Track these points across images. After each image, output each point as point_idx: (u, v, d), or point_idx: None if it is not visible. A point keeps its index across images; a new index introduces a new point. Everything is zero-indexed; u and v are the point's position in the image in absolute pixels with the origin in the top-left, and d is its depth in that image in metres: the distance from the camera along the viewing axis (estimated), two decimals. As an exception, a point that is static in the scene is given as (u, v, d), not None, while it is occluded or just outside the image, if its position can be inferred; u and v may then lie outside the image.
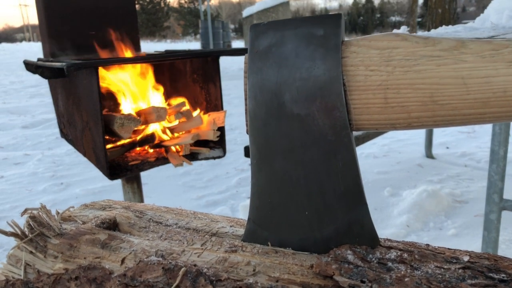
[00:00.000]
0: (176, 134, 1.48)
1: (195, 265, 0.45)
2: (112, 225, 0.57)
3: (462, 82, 0.40)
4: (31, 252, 0.51)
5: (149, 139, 1.45)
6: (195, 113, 1.51)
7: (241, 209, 2.24)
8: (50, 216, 0.55)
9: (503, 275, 0.40)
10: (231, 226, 0.55)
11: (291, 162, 0.47)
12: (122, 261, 0.48)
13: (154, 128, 1.47)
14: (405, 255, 0.44)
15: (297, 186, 0.47)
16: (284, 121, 0.46)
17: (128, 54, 1.60)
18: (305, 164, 0.46)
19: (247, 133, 0.49)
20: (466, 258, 0.42)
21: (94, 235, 0.53)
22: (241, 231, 0.53)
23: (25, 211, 0.54)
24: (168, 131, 1.48)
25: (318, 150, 0.45)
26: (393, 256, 0.44)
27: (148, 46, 21.70)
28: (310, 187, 0.47)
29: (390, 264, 0.43)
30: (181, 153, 1.43)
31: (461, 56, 0.41)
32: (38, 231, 0.52)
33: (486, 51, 0.40)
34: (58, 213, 0.57)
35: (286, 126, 0.46)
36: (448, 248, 0.45)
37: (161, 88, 1.59)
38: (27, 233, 0.52)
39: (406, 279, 0.40)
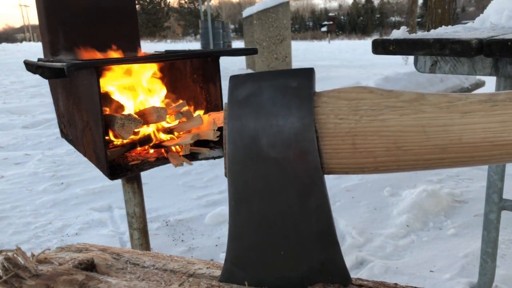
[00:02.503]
0: (175, 134, 1.49)
1: None
2: (90, 266, 0.57)
3: (422, 130, 0.45)
4: None
5: (149, 139, 1.46)
6: (195, 114, 1.51)
7: (241, 209, 2.24)
8: (26, 258, 0.54)
9: None
10: (207, 268, 0.57)
11: (268, 204, 0.49)
12: None
13: (154, 128, 1.47)
14: None
15: (274, 227, 0.50)
16: (262, 164, 0.49)
17: (128, 54, 1.61)
18: (281, 205, 0.49)
19: (226, 176, 0.51)
20: None
21: (71, 276, 0.53)
22: (218, 272, 0.55)
23: (0, 252, 0.53)
24: (168, 131, 1.49)
25: (293, 192, 0.48)
26: None
27: (148, 46, 21.72)
28: (286, 228, 0.49)
29: None
30: (181, 153, 1.43)
31: (421, 107, 0.45)
32: (13, 272, 0.51)
33: (443, 103, 0.45)
34: (34, 255, 0.57)
35: (263, 169, 0.49)
36: (415, 287, 0.48)
37: (162, 88, 1.60)
38: (1, 274, 0.52)
39: None
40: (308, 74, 0.50)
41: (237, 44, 24.75)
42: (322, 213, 0.48)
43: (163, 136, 1.48)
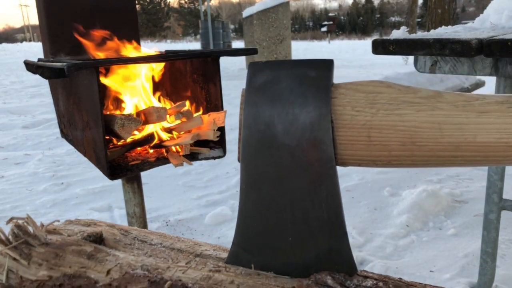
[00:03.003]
0: (176, 134, 1.49)
1: (180, 280, 0.45)
2: (98, 240, 0.58)
3: (438, 127, 0.45)
4: (14, 259, 0.51)
5: (149, 139, 1.46)
6: (196, 114, 1.51)
7: (241, 209, 2.24)
8: (36, 226, 0.55)
9: None
10: (214, 250, 0.57)
11: (278, 190, 0.50)
12: (108, 272, 0.49)
13: (154, 128, 1.47)
14: (380, 284, 0.47)
15: (283, 213, 0.50)
16: (275, 150, 0.49)
17: (128, 54, 1.61)
18: (291, 192, 0.50)
19: (239, 160, 0.52)
20: None
21: (80, 247, 0.53)
22: (224, 254, 0.55)
23: (11, 219, 0.54)
24: (168, 131, 1.49)
25: (305, 179, 0.49)
26: (369, 284, 0.47)
27: (149, 46, 21.68)
28: (295, 215, 0.50)
29: None
30: (181, 153, 1.43)
31: (438, 104, 0.46)
32: (23, 239, 0.52)
33: (459, 102, 0.45)
34: (43, 225, 0.57)
35: (276, 155, 0.50)
36: (419, 282, 0.49)
37: (162, 88, 1.60)
38: (11, 240, 0.52)
39: None
40: (327, 65, 0.50)
41: (237, 44, 24.75)
42: (332, 202, 0.49)
43: (163, 136, 1.48)
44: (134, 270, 0.48)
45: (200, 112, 1.55)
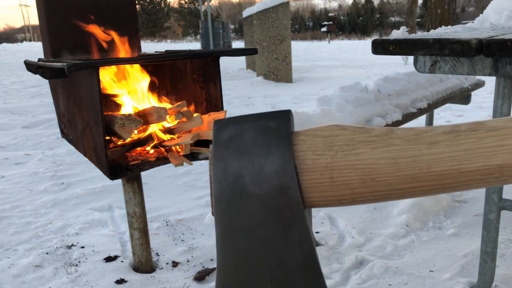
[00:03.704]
0: (176, 134, 1.49)
1: None
2: None
3: (394, 161, 0.48)
4: None
5: (150, 139, 1.46)
6: (195, 114, 1.51)
7: (241, 209, 2.24)
8: None
9: None
10: None
11: (253, 239, 0.52)
12: None
13: (154, 128, 1.47)
14: None
15: (259, 261, 0.52)
16: (246, 201, 0.51)
17: (129, 54, 1.61)
18: (265, 239, 0.51)
19: (213, 214, 0.53)
20: None
21: None
22: None
23: None
24: (168, 131, 1.49)
25: (277, 226, 0.50)
26: None
27: (149, 46, 21.71)
28: (270, 261, 0.51)
29: None
30: (181, 153, 1.43)
31: (391, 140, 0.49)
32: None
33: (410, 136, 0.48)
34: None
35: (247, 205, 0.51)
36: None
37: (162, 88, 1.60)
38: None
39: None
40: (285, 115, 0.54)
41: (237, 44, 24.75)
42: (305, 245, 0.50)
43: (163, 136, 1.48)
44: None
45: (200, 112, 1.55)
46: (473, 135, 0.47)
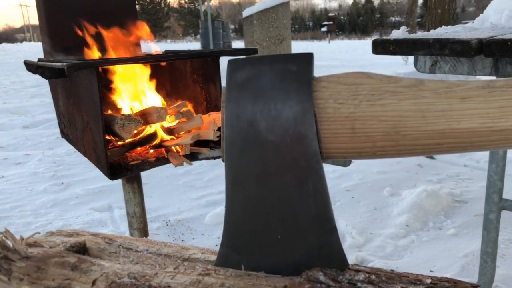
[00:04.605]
0: (176, 134, 1.49)
1: (169, 286, 0.45)
2: (82, 250, 0.56)
3: (422, 115, 0.45)
4: None
5: (149, 140, 1.46)
6: (195, 114, 1.51)
7: (241, 209, 2.24)
8: (15, 240, 0.52)
9: None
10: (202, 253, 0.56)
11: (264, 188, 0.49)
12: (93, 282, 0.47)
13: (154, 128, 1.47)
14: (373, 277, 0.46)
15: (270, 211, 0.49)
16: (259, 148, 0.48)
17: (129, 54, 1.61)
18: (278, 189, 0.49)
19: (223, 160, 0.50)
20: (428, 281, 0.45)
21: (63, 258, 0.51)
22: (213, 257, 0.54)
23: None
24: (168, 131, 1.49)
25: (291, 175, 0.48)
26: (362, 278, 0.47)
27: (148, 46, 21.65)
28: (283, 212, 0.49)
29: (359, 284, 0.45)
30: (181, 153, 1.43)
31: (420, 92, 0.46)
32: (2, 254, 0.50)
33: (441, 88, 0.45)
34: (23, 239, 0.56)
35: (260, 152, 0.48)
36: (411, 273, 0.49)
37: (162, 88, 1.60)
38: None
39: None
40: (307, 58, 0.49)
41: (237, 44, 24.74)
42: (319, 197, 0.48)
43: (163, 136, 1.48)
44: (120, 279, 0.46)
45: (200, 112, 1.55)
46: (510, 91, 0.44)
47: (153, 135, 1.46)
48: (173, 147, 1.45)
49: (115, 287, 0.45)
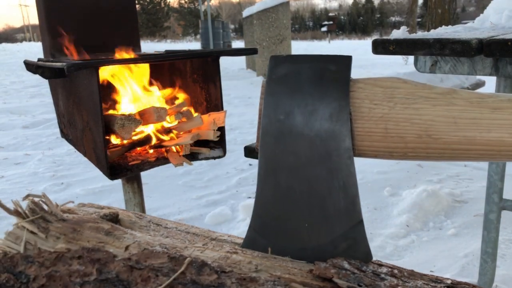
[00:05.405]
0: (175, 134, 1.49)
1: (199, 258, 0.46)
2: (114, 219, 0.58)
3: (453, 121, 0.47)
4: (31, 232, 0.52)
5: (149, 140, 1.46)
6: (196, 114, 1.51)
7: (241, 209, 2.24)
8: (52, 205, 0.55)
9: None
10: (228, 236, 0.58)
11: (296, 178, 0.51)
12: (126, 248, 0.49)
13: (154, 128, 1.47)
14: (395, 271, 0.48)
15: (300, 200, 0.51)
16: (294, 140, 0.51)
17: (128, 54, 1.61)
18: (309, 180, 0.51)
19: (257, 148, 0.53)
20: (448, 281, 0.47)
21: (97, 224, 0.53)
22: (239, 240, 0.56)
23: (27, 196, 0.54)
24: (168, 131, 1.49)
25: (323, 168, 0.50)
26: (385, 270, 0.48)
27: (148, 46, 21.70)
28: (312, 202, 0.51)
29: (383, 275, 0.47)
30: (181, 153, 1.43)
31: (453, 100, 0.48)
32: (40, 214, 0.53)
33: (474, 98, 0.47)
34: (58, 205, 0.58)
35: (295, 144, 0.51)
36: (431, 274, 0.50)
37: (162, 88, 1.60)
38: (28, 214, 0.53)
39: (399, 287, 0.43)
40: (346, 60, 0.53)
41: (237, 44, 24.74)
42: (349, 191, 0.50)
43: (163, 136, 1.48)
44: (152, 247, 0.48)
45: (200, 112, 1.55)
46: None
47: (153, 136, 1.46)
48: (173, 147, 1.45)
49: (147, 253, 0.47)
